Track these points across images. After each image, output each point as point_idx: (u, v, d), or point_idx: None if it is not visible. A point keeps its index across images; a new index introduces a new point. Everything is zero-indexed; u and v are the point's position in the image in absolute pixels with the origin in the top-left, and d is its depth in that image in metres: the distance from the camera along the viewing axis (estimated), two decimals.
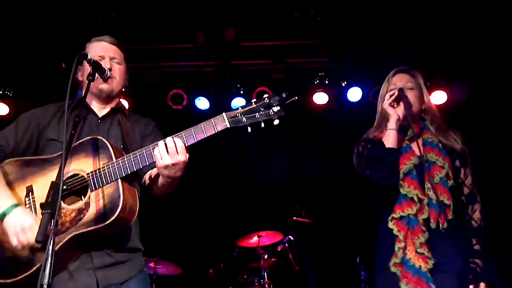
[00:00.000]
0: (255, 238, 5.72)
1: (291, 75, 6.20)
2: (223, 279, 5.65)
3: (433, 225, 2.49)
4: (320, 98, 6.14)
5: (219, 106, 6.28)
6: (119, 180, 2.17)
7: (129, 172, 2.18)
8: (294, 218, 5.90)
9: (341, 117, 6.34)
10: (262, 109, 2.12)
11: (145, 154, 2.19)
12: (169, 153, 2.13)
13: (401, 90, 2.69)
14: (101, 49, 2.59)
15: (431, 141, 2.67)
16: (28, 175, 2.34)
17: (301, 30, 5.74)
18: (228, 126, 2.13)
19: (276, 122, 2.12)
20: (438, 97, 5.84)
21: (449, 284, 2.43)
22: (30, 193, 2.29)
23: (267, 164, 6.57)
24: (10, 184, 2.33)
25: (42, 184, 2.28)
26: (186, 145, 2.16)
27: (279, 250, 5.75)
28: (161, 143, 2.15)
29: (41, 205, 1.85)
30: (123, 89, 2.69)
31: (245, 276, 5.66)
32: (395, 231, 2.52)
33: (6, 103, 5.86)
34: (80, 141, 2.32)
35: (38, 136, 2.49)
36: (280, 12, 5.52)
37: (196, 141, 2.15)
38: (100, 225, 2.12)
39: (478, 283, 2.42)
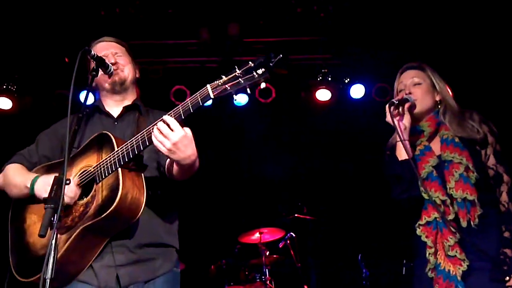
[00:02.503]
0: (257, 235, 5.71)
1: (294, 72, 6.19)
2: (224, 275, 5.65)
3: (463, 224, 2.40)
4: (323, 94, 6.13)
5: (222, 102, 6.27)
6: (119, 170, 2.15)
7: (126, 160, 2.13)
8: (296, 215, 5.91)
9: (343, 114, 6.33)
10: (246, 74, 1.99)
11: (140, 140, 2.14)
12: (164, 135, 2.04)
13: (396, 102, 2.59)
14: (102, 48, 2.61)
15: (446, 137, 2.58)
16: (48, 174, 2.37)
17: (304, 27, 5.73)
18: (212, 97, 2.01)
19: (263, 85, 2.03)
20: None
21: (482, 284, 2.35)
22: None
23: (269, 160, 6.57)
24: None
25: None
26: (178, 121, 2.06)
27: (280, 246, 5.75)
28: (155, 130, 2.07)
29: (44, 200, 1.85)
30: (135, 80, 2.70)
31: (246, 273, 5.67)
32: (423, 238, 2.46)
33: (9, 97, 5.86)
34: (90, 139, 2.36)
35: (60, 148, 2.53)
36: (284, 8, 5.50)
37: (183, 117, 2.06)
38: (101, 216, 2.10)
39: (510, 275, 2.33)
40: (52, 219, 1.80)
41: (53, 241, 1.75)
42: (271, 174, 6.56)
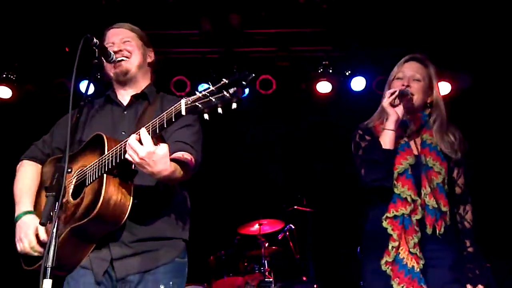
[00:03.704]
0: (256, 226, 5.73)
1: (295, 63, 6.17)
2: (223, 266, 5.67)
3: (429, 230, 2.47)
4: (324, 87, 6.11)
5: None
6: (104, 175, 2.14)
7: (110, 167, 2.12)
8: (295, 207, 5.91)
9: (344, 106, 6.32)
10: (218, 92, 1.86)
11: (122, 148, 2.10)
12: (134, 149, 2.01)
13: (404, 91, 2.60)
14: (110, 36, 2.58)
15: (430, 143, 2.62)
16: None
17: (306, 18, 5.70)
18: (184, 114, 1.92)
19: (234, 105, 1.85)
20: (442, 88, 5.82)
21: (441, 278, 2.43)
22: None
23: (269, 152, 6.57)
24: (45, 182, 2.46)
25: None
26: (151, 135, 2.01)
27: (280, 238, 5.76)
28: (127, 142, 2.04)
29: (45, 188, 1.85)
30: (144, 66, 2.63)
31: (245, 264, 5.69)
32: (390, 230, 2.48)
33: (9, 86, 5.84)
34: (89, 137, 2.36)
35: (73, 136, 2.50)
36: None
37: (158, 131, 2.02)
38: (85, 220, 2.12)
39: (475, 286, 2.43)
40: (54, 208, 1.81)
41: (54, 230, 1.76)
42: (270, 165, 6.56)
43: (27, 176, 2.51)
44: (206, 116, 1.87)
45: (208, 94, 1.85)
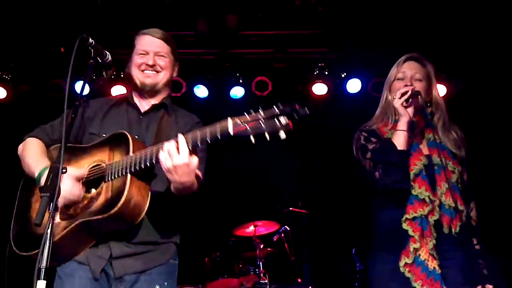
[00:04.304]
0: (251, 228, 5.72)
1: (291, 65, 6.17)
2: (218, 268, 5.66)
3: (445, 230, 2.46)
4: (320, 88, 6.12)
5: (218, 94, 6.26)
6: (128, 175, 2.17)
7: (137, 168, 2.16)
8: (291, 208, 5.91)
9: (340, 108, 6.33)
10: (268, 119, 1.94)
11: (154, 152, 2.15)
12: (170, 154, 2.07)
13: (415, 92, 2.58)
14: (146, 44, 2.62)
15: (438, 142, 2.59)
16: (65, 160, 2.33)
17: (302, 20, 5.71)
18: (232, 134, 2.00)
19: (282, 135, 1.94)
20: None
21: (453, 279, 2.41)
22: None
23: (264, 154, 6.56)
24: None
25: (73, 169, 2.33)
26: (189, 147, 2.08)
27: (275, 240, 5.76)
28: (165, 145, 2.10)
29: (40, 188, 1.85)
30: (169, 82, 2.69)
31: (240, 265, 5.68)
32: (410, 232, 2.44)
33: (4, 86, 5.83)
34: (110, 134, 2.37)
35: (82, 130, 2.51)
36: (282, 1, 5.48)
37: (199, 144, 2.07)
38: (102, 216, 2.14)
39: (485, 284, 2.41)
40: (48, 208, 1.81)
41: (49, 231, 1.75)
42: (265, 167, 6.55)
43: (36, 146, 2.47)
44: (252, 139, 1.94)
45: (259, 119, 1.93)
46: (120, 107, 2.60)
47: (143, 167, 2.16)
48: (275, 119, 1.92)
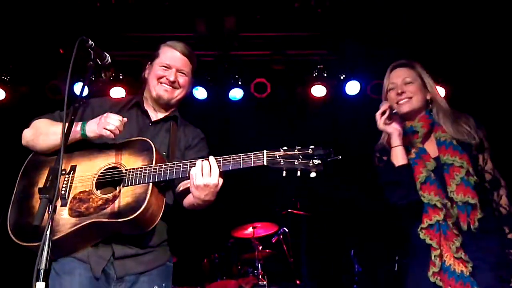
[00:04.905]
0: (250, 229, 5.73)
1: (290, 67, 6.18)
2: (217, 269, 5.67)
3: (464, 227, 2.43)
4: (318, 90, 6.13)
5: (217, 96, 6.26)
6: (150, 184, 2.23)
7: (161, 179, 2.23)
8: (289, 210, 5.92)
9: (338, 110, 6.33)
10: (303, 158, 2.15)
11: (181, 167, 2.24)
12: (203, 174, 2.18)
13: (389, 110, 2.62)
14: (171, 58, 2.66)
15: (444, 139, 2.59)
16: (76, 156, 2.42)
17: (301, 22, 5.71)
18: (265, 164, 2.16)
19: (313, 175, 2.14)
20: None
21: (484, 279, 2.36)
22: (72, 171, 2.37)
23: None
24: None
25: (85, 167, 2.38)
26: (221, 170, 2.21)
27: (273, 241, 5.77)
28: (198, 162, 2.20)
29: (39, 189, 1.85)
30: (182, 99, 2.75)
31: (239, 267, 5.69)
32: (428, 240, 2.46)
33: (2, 88, 5.83)
34: (130, 139, 2.42)
35: None
36: (281, 3, 5.48)
37: (231, 169, 2.21)
38: (118, 220, 2.17)
39: None
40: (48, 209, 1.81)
41: (48, 232, 1.75)
42: (264, 169, 6.54)
43: (53, 123, 2.47)
44: (284, 173, 2.14)
45: (295, 156, 2.12)
46: (130, 111, 2.63)
47: (168, 179, 2.24)
48: (309, 159, 2.13)
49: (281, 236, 5.75)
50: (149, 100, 2.69)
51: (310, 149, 2.15)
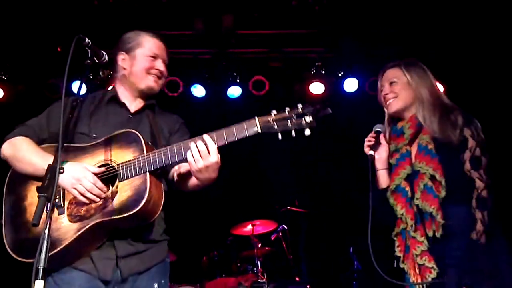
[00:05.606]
0: (249, 227, 5.73)
1: (287, 64, 6.18)
2: (216, 267, 5.67)
3: (429, 233, 2.45)
4: (317, 88, 6.13)
5: (215, 94, 6.26)
6: (147, 174, 2.19)
7: (157, 167, 2.20)
8: (288, 207, 5.92)
9: (337, 108, 6.28)
10: (295, 118, 2.13)
11: (175, 151, 2.20)
12: (202, 156, 2.14)
13: (378, 132, 2.72)
14: (158, 48, 2.64)
15: (421, 143, 2.57)
16: (62, 160, 2.32)
17: (299, 19, 5.71)
18: (259, 131, 2.14)
19: (307, 132, 2.15)
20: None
21: (454, 275, 2.37)
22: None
23: (261, 153, 6.57)
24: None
25: None
26: (216, 145, 2.17)
27: (273, 239, 5.77)
28: (192, 145, 2.16)
29: (37, 188, 1.84)
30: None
31: (238, 264, 5.69)
32: (396, 246, 2.61)
33: (0, 86, 5.82)
34: (115, 133, 2.35)
35: (69, 129, 2.42)
36: (278, 0, 5.48)
37: (226, 143, 2.17)
38: (123, 215, 2.14)
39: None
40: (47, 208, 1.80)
41: (46, 231, 1.75)
42: (263, 166, 6.55)
43: (33, 145, 2.38)
44: (279, 136, 2.13)
45: (287, 117, 2.10)
46: (107, 106, 2.57)
47: (164, 165, 2.20)
48: (301, 117, 2.11)
49: (280, 234, 5.75)
50: (127, 92, 2.61)
51: (299, 108, 2.14)
